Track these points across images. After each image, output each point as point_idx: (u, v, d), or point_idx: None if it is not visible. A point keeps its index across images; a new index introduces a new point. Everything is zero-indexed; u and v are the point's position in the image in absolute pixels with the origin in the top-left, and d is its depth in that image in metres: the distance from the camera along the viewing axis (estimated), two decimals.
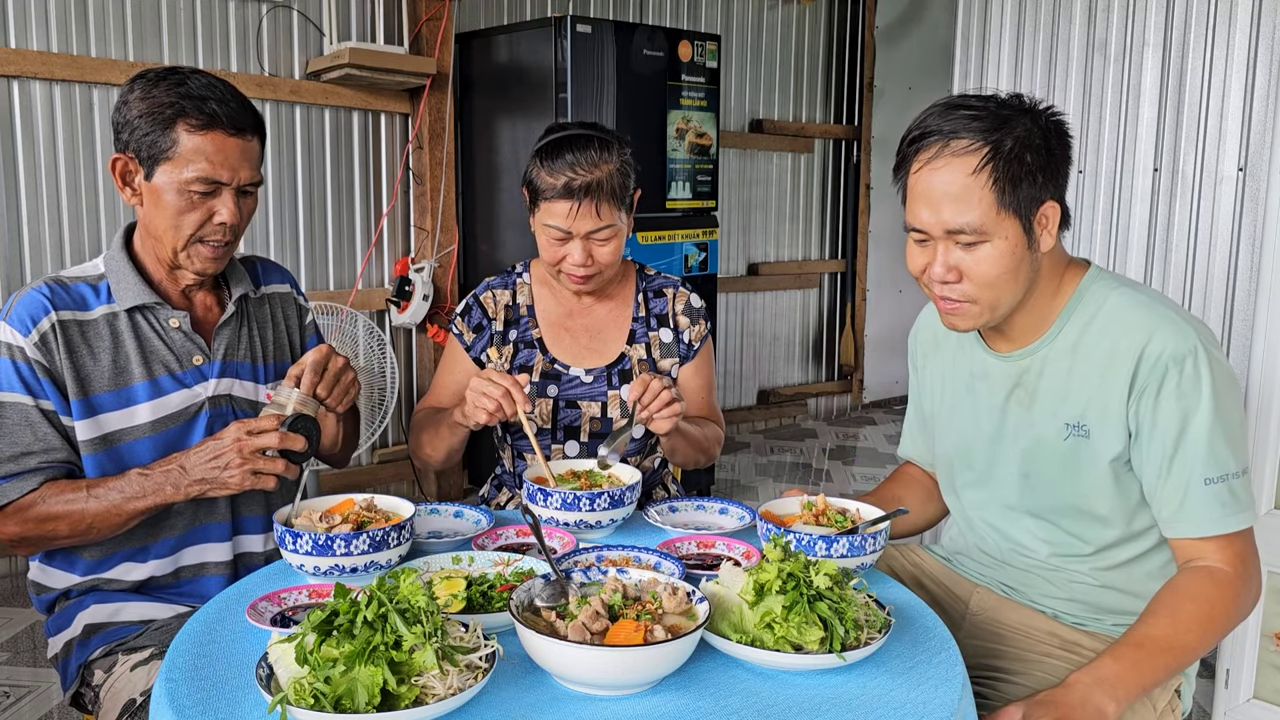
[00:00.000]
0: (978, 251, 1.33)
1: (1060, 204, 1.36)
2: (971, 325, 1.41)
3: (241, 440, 1.44)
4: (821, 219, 5.90)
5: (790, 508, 1.49)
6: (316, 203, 3.90)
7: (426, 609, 1.00)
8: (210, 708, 1.03)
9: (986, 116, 1.31)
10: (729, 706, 1.05)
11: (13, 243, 3.26)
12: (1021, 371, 1.46)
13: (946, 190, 1.32)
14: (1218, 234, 2.75)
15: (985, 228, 1.31)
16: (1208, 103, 2.76)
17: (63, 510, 1.45)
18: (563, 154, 1.73)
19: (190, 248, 1.53)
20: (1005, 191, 1.30)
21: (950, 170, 1.31)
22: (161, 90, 1.49)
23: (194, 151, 1.48)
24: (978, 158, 1.30)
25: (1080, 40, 3.02)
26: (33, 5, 3.21)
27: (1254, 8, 2.66)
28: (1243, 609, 1.36)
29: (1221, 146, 2.74)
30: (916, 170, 1.35)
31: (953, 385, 1.59)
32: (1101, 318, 1.40)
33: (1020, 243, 1.33)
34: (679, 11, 5.06)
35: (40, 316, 1.48)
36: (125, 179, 1.53)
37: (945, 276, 1.36)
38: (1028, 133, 1.31)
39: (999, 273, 1.34)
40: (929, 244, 1.37)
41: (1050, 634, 1.50)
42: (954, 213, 1.31)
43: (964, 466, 1.58)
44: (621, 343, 1.90)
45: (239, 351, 1.63)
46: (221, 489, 1.46)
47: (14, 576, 3.37)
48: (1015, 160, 1.30)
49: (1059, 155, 1.35)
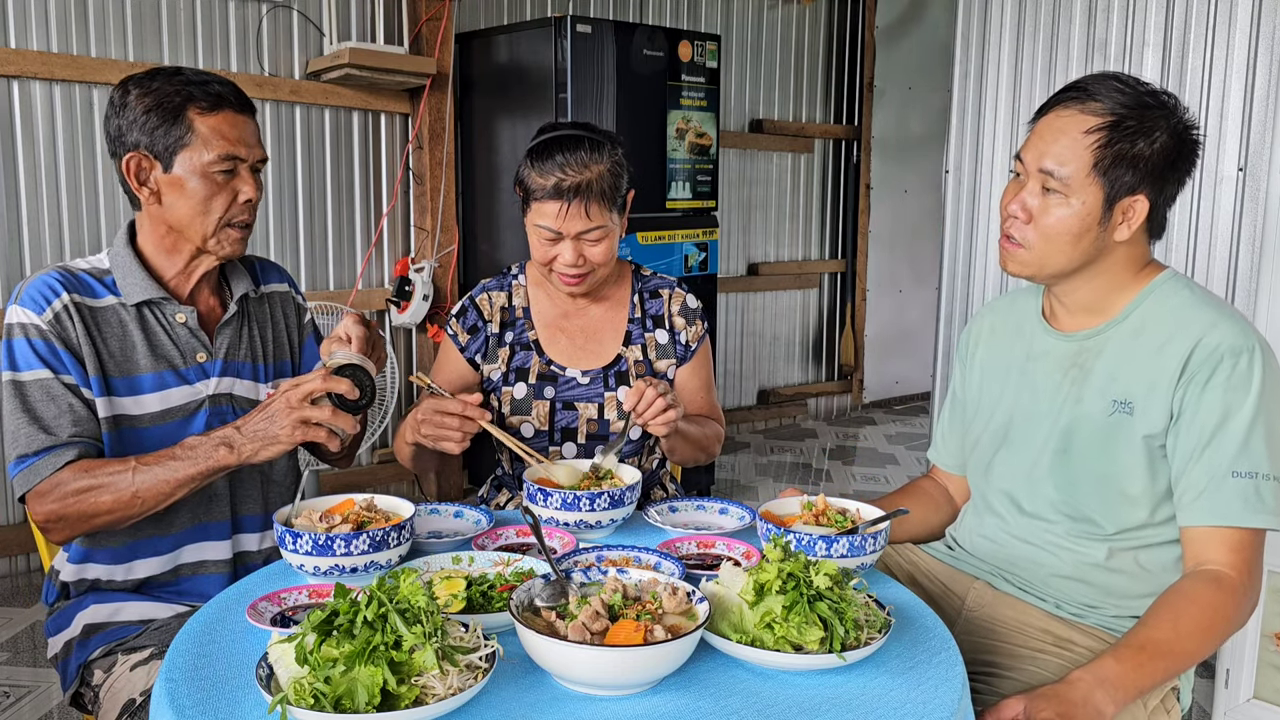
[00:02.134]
0: (1054, 203, 1.41)
1: (1153, 205, 1.40)
2: (1017, 270, 1.47)
3: (289, 392, 1.44)
4: (821, 219, 5.90)
5: (790, 508, 1.49)
6: (316, 203, 3.90)
7: (426, 609, 1.00)
8: (210, 708, 1.03)
9: (1130, 94, 1.39)
10: (729, 706, 1.05)
11: (13, 243, 3.26)
12: (1081, 351, 1.49)
13: (1058, 136, 1.40)
14: (1218, 234, 2.75)
15: (1071, 182, 1.39)
16: (1208, 103, 2.76)
17: (105, 481, 1.42)
18: (553, 154, 1.73)
19: (219, 232, 1.55)
20: (1104, 160, 1.37)
21: (1071, 121, 1.40)
22: (161, 83, 1.50)
23: (211, 133, 1.50)
24: (1098, 120, 1.38)
25: (1080, 40, 3.02)
26: (33, 5, 3.22)
27: (1254, 8, 2.66)
28: (1242, 617, 1.36)
29: (1221, 146, 2.74)
30: (1048, 114, 1.44)
31: (1005, 367, 1.61)
32: (1169, 309, 1.43)
33: (1094, 214, 1.39)
34: (679, 11, 5.06)
35: (52, 297, 1.49)
36: (140, 178, 1.53)
37: (1018, 213, 1.44)
38: (1155, 125, 1.38)
39: (1061, 231, 1.41)
40: (1022, 179, 1.45)
41: (1044, 630, 1.50)
42: (1053, 156, 1.40)
43: (1001, 440, 1.59)
44: (618, 344, 1.90)
45: (240, 350, 1.64)
46: (274, 444, 1.44)
47: (14, 576, 3.37)
48: (1128, 139, 1.37)
49: (1173, 163, 1.40)
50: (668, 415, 1.63)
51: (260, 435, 1.44)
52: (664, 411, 1.62)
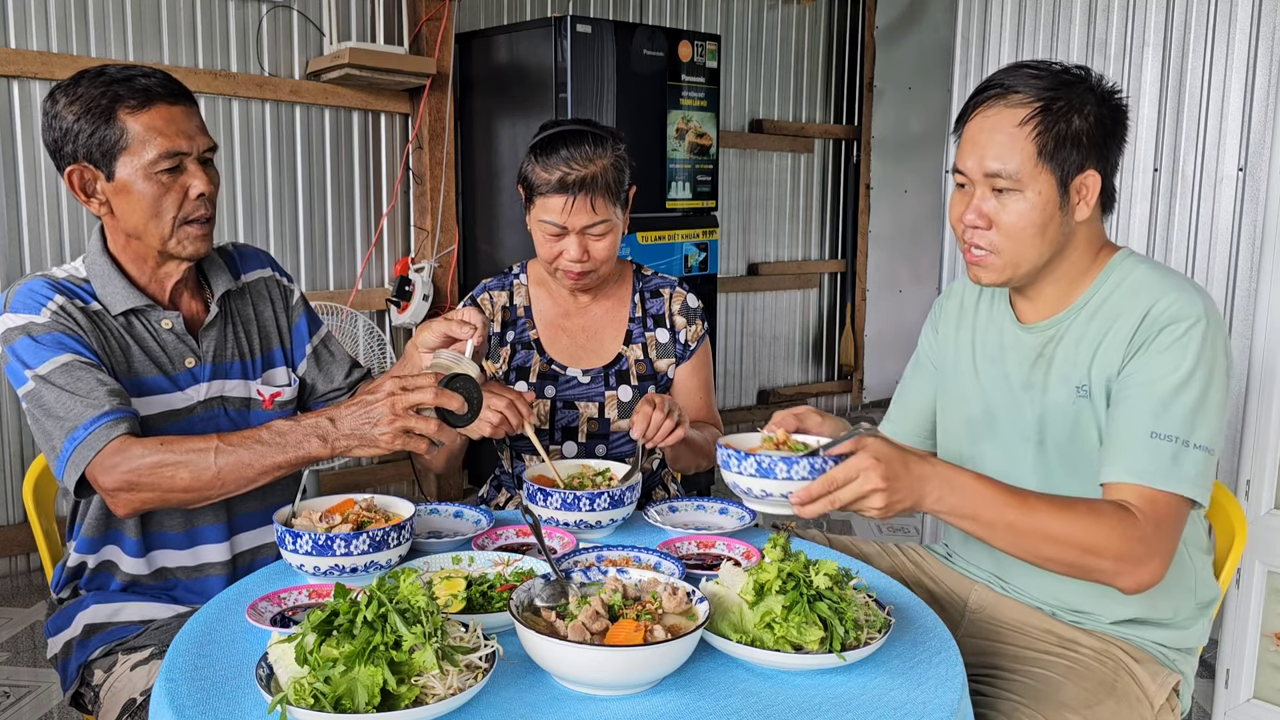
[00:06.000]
0: (1010, 201, 1.38)
1: (1103, 178, 1.39)
2: (993, 279, 1.44)
3: (395, 396, 1.33)
4: (821, 219, 5.90)
5: (751, 441, 1.43)
6: (316, 203, 3.90)
7: (426, 609, 1.00)
8: (210, 708, 1.03)
9: (1047, 77, 1.37)
10: (729, 706, 1.05)
11: (13, 243, 3.26)
12: (1045, 342, 1.48)
13: (992, 136, 1.38)
14: (1218, 234, 2.75)
15: (1021, 177, 1.36)
16: (1208, 103, 2.76)
17: (184, 458, 1.36)
18: (557, 149, 1.74)
19: (178, 232, 1.48)
20: (1047, 146, 1.35)
21: (1000, 118, 1.38)
22: (85, 87, 1.44)
23: (146, 131, 1.43)
24: (1027, 110, 1.36)
25: (1080, 40, 3.02)
26: (33, 5, 3.22)
27: (1254, 8, 2.66)
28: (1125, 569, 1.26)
29: (1221, 146, 2.74)
30: (971, 119, 1.42)
31: (980, 354, 1.59)
32: (1124, 288, 1.42)
33: (1052, 201, 1.37)
34: (679, 11, 5.06)
35: (45, 300, 1.45)
36: (86, 190, 1.47)
37: (976, 221, 1.41)
38: (1081, 99, 1.37)
39: (1026, 226, 1.38)
40: (968, 190, 1.42)
41: (1047, 631, 1.50)
42: (994, 157, 1.37)
43: (980, 433, 1.58)
44: (618, 343, 1.90)
45: (227, 351, 1.61)
46: (370, 447, 1.35)
47: (14, 576, 3.37)
48: (1063, 119, 1.35)
49: (1109, 130, 1.39)
50: (677, 434, 1.63)
51: (357, 434, 1.35)
52: (673, 430, 1.62)
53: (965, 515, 1.24)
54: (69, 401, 1.38)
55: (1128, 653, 1.45)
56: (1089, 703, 1.36)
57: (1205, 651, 1.87)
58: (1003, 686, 1.40)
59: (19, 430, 3.32)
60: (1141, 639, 1.47)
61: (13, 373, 1.44)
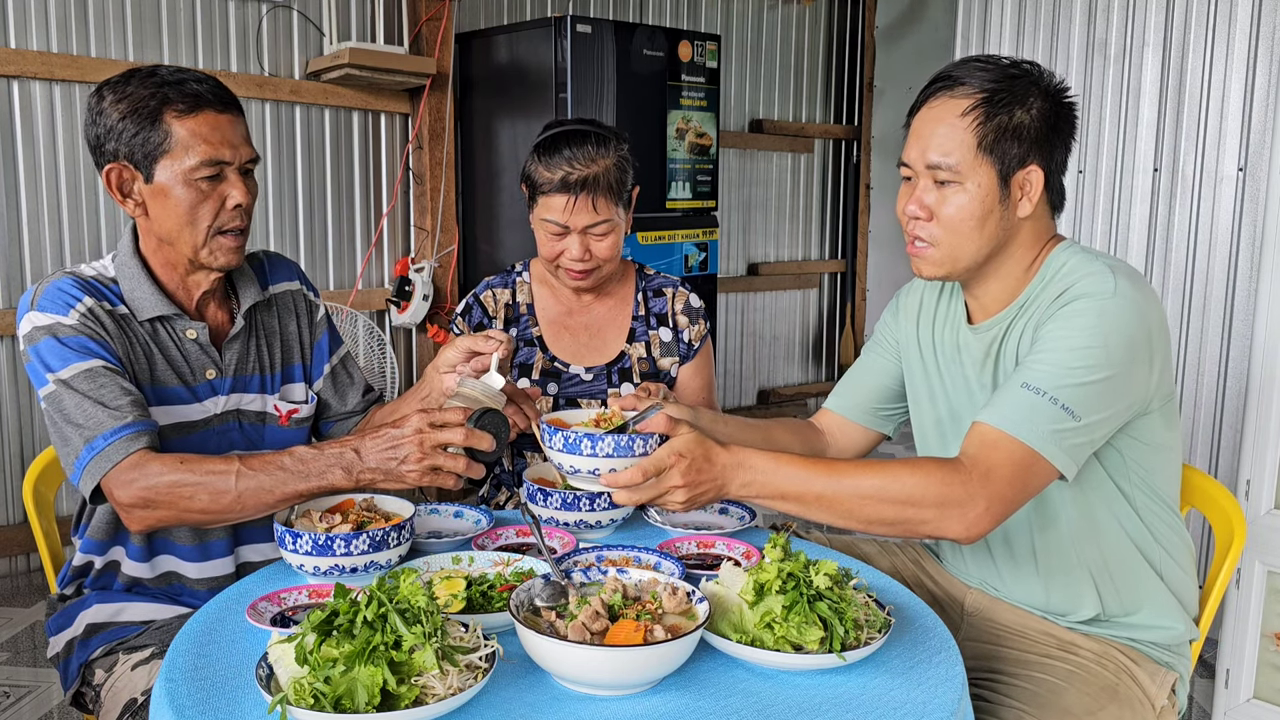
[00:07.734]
0: (950, 194, 1.38)
1: (1047, 175, 1.38)
2: (933, 272, 1.43)
3: (424, 433, 1.30)
4: (821, 219, 5.90)
5: (581, 416, 1.43)
6: (316, 203, 3.90)
7: (426, 609, 1.00)
8: (210, 708, 1.03)
9: (994, 70, 1.37)
10: (729, 706, 1.05)
11: (13, 243, 3.26)
12: (991, 341, 1.47)
13: (935, 128, 1.38)
14: (1218, 234, 2.75)
15: (961, 168, 1.36)
16: (1208, 103, 2.76)
17: (203, 480, 1.33)
18: (560, 149, 1.74)
19: (211, 242, 1.47)
20: (987, 138, 1.35)
21: (943, 109, 1.38)
22: (136, 86, 1.42)
23: (190, 137, 1.41)
24: (970, 101, 1.36)
25: (1080, 40, 3.02)
26: (33, 5, 3.22)
27: (1254, 8, 2.66)
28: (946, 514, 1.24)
29: (1221, 146, 2.74)
30: (919, 111, 1.42)
31: (941, 355, 1.58)
32: (1053, 279, 1.41)
33: (992, 195, 1.36)
34: (679, 11, 5.06)
35: (74, 301, 1.42)
36: (123, 189, 1.46)
37: (917, 213, 1.40)
38: (1025, 93, 1.36)
39: (965, 218, 1.37)
40: (913, 182, 1.42)
41: (1046, 634, 1.50)
42: (936, 149, 1.37)
43: (952, 436, 1.56)
44: (621, 341, 1.90)
45: (248, 365, 1.59)
46: (397, 482, 1.33)
47: (14, 576, 3.37)
48: (1004, 111, 1.35)
49: (1054, 127, 1.38)
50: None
51: (383, 469, 1.32)
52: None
53: (773, 496, 1.26)
54: (90, 409, 1.36)
55: (1126, 654, 1.45)
56: (1092, 709, 1.35)
57: (1205, 651, 1.87)
58: (1005, 692, 1.39)
59: (19, 430, 3.33)
60: (1135, 640, 1.47)
61: (34, 373, 1.42)
